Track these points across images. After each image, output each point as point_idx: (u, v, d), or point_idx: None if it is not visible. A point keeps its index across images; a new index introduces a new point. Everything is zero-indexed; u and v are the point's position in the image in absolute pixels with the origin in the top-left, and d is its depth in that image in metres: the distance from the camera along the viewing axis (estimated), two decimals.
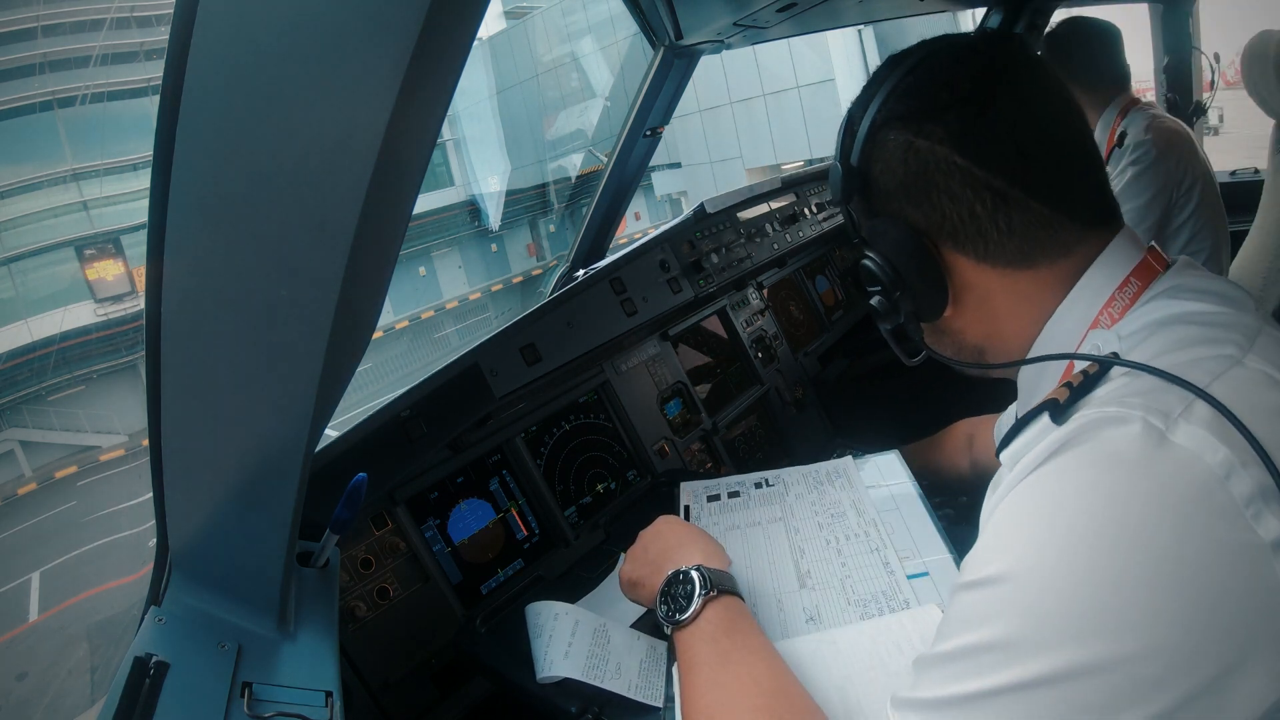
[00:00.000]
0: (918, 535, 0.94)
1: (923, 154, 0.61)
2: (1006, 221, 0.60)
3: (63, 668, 7.16)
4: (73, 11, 12.93)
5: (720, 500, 1.10)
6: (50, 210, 12.89)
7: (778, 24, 1.29)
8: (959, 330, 0.69)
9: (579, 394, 1.40)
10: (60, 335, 12.49)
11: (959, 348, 0.71)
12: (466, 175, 16.18)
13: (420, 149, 0.49)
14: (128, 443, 12.92)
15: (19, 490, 12.06)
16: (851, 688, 0.70)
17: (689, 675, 0.70)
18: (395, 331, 15.08)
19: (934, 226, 0.63)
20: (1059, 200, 0.60)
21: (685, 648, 0.72)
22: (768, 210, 1.86)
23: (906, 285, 0.65)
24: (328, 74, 0.41)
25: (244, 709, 0.61)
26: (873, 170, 0.65)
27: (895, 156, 0.63)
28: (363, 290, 0.52)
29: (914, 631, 0.75)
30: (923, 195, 0.62)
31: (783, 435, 1.74)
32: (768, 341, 1.82)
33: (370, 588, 1.06)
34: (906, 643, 0.74)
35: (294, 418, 0.55)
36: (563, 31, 15.16)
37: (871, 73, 0.69)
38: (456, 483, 1.21)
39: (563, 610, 0.94)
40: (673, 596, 0.77)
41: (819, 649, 0.75)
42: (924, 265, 0.64)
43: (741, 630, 0.72)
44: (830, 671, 0.72)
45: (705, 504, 1.09)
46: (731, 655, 0.69)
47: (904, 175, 0.63)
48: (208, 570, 0.71)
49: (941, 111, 0.61)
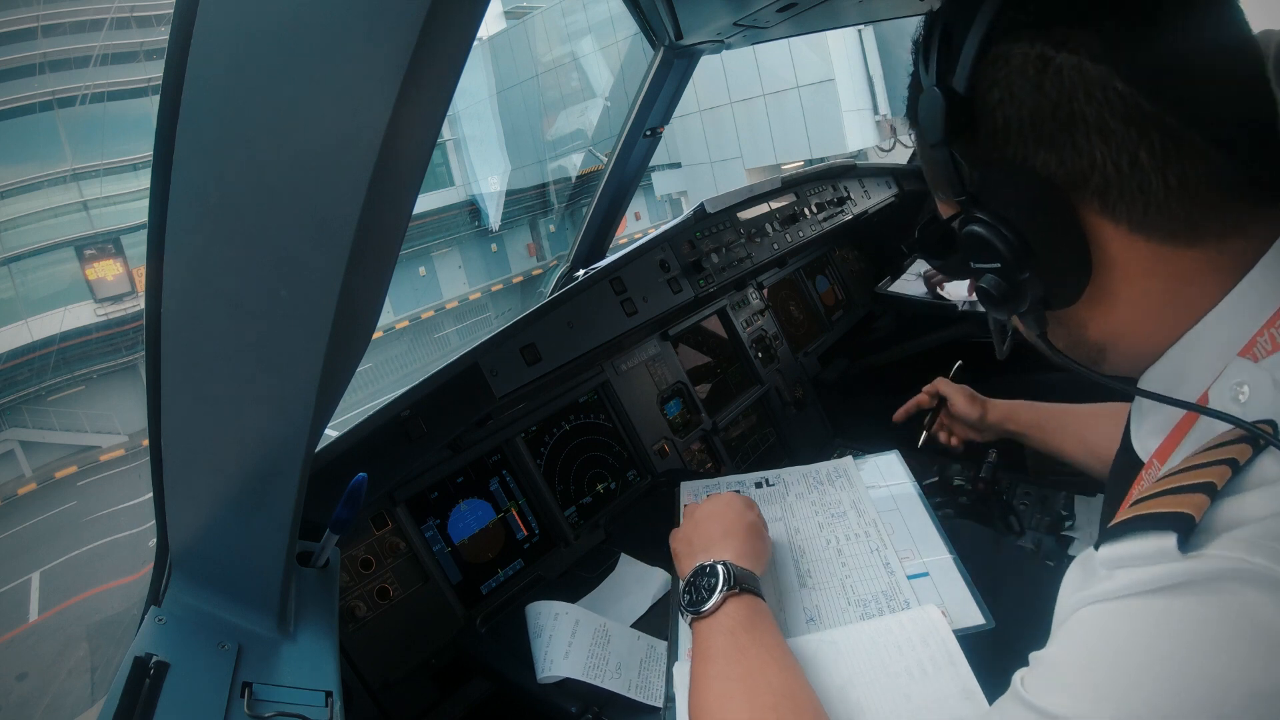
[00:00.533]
0: (918, 535, 0.94)
1: (1066, 75, 0.45)
2: (1179, 175, 0.44)
3: (63, 668, 7.15)
4: (73, 11, 12.93)
5: None
6: (50, 210, 12.90)
7: (778, 24, 1.29)
8: (1081, 322, 0.53)
9: (579, 394, 1.40)
10: (60, 335, 12.49)
11: (1074, 343, 0.55)
12: (466, 175, 16.18)
13: (420, 149, 0.49)
14: (128, 443, 12.93)
15: (19, 490, 12.06)
16: (853, 689, 0.70)
17: (701, 665, 0.70)
18: (395, 331, 15.08)
19: (1076, 179, 0.47)
20: (1241, 155, 0.45)
21: (701, 639, 0.72)
22: (768, 210, 1.86)
23: (1037, 260, 0.49)
24: (328, 74, 0.41)
25: (244, 709, 0.61)
26: (989, 98, 0.48)
27: (1024, 79, 0.46)
28: (363, 290, 0.52)
29: (914, 633, 0.75)
30: (1062, 135, 0.46)
31: (783, 435, 1.74)
32: (768, 341, 1.82)
33: (370, 588, 1.06)
34: (907, 644, 0.74)
35: (294, 418, 0.55)
36: (563, 31, 15.16)
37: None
38: (456, 483, 1.20)
39: (563, 610, 0.94)
40: (696, 587, 0.77)
41: (819, 649, 0.75)
42: (1063, 233, 0.48)
43: (759, 629, 0.71)
44: (831, 673, 0.72)
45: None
46: (747, 651, 0.68)
47: (1035, 106, 0.46)
48: (208, 570, 0.70)
49: (1095, 14, 0.45)
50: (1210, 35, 0.46)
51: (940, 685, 0.69)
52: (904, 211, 2.35)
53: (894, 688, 0.70)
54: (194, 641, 0.67)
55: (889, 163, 2.49)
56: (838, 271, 2.24)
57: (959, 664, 0.70)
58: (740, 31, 1.32)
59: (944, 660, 0.71)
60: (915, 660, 0.72)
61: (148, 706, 0.57)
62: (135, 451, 12.54)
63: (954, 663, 0.70)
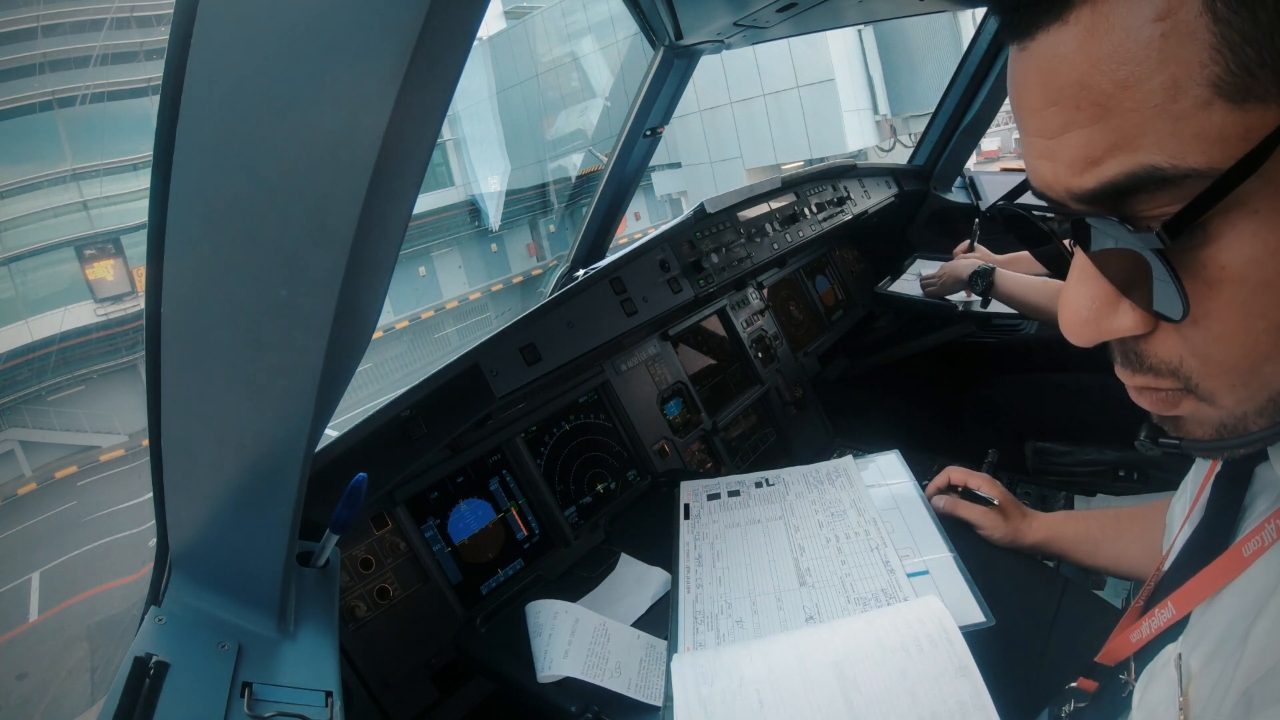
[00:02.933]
0: (918, 534, 0.94)
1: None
2: None
3: (63, 668, 7.15)
4: (73, 11, 12.93)
5: (720, 499, 1.10)
6: (50, 210, 12.89)
7: (778, 24, 1.29)
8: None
9: (579, 394, 1.40)
10: (60, 335, 12.50)
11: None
12: (466, 175, 16.17)
13: (420, 149, 0.49)
14: (128, 443, 12.92)
15: (19, 490, 12.06)
16: (849, 665, 0.70)
17: None
18: (395, 331, 15.08)
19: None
20: None
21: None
22: (768, 210, 1.86)
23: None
24: (328, 74, 0.41)
25: (244, 709, 0.61)
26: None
27: None
28: (363, 290, 0.52)
29: (911, 614, 0.75)
30: None
31: (783, 435, 1.74)
32: (768, 341, 1.82)
33: (370, 588, 1.06)
34: (903, 623, 0.74)
35: (294, 418, 0.55)
36: (563, 31, 15.16)
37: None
38: (456, 483, 1.21)
39: (563, 609, 0.94)
40: None
41: (815, 631, 0.76)
42: None
43: None
44: (826, 650, 0.72)
45: (705, 503, 1.10)
46: None
47: None
48: (208, 570, 0.70)
49: None
50: None
51: (936, 661, 0.69)
52: (904, 211, 2.35)
53: (890, 663, 0.69)
54: (194, 641, 0.67)
55: (889, 163, 2.49)
56: (838, 271, 2.24)
57: (955, 642, 0.70)
58: (740, 31, 1.32)
59: (940, 638, 0.71)
60: (912, 637, 0.72)
61: (148, 706, 0.57)
62: (135, 451, 12.55)
63: (950, 640, 0.70)
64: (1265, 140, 0.30)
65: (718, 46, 1.44)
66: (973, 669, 0.67)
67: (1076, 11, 0.33)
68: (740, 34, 1.34)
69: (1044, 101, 0.35)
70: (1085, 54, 0.33)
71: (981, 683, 0.65)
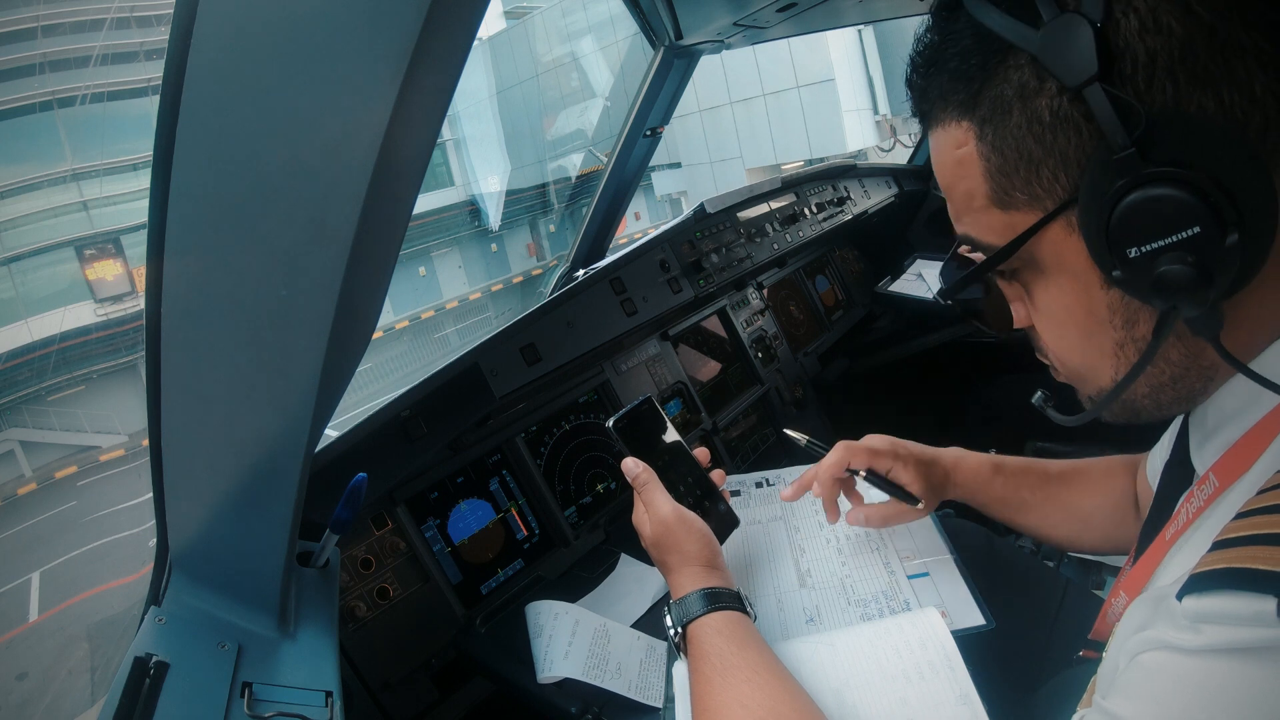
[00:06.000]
0: (918, 536, 0.94)
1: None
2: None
3: (63, 668, 7.15)
4: (73, 11, 12.92)
5: None
6: (50, 210, 12.89)
7: (778, 24, 1.29)
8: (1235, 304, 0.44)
9: (579, 394, 1.40)
10: (60, 335, 12.49)
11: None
12: (466, 175, 16.17)
13: (420, 149, 0.49)
14: (128, 443, 12.92)
15: (19, 490, 12.05)
16: (849, 692, 0.70)
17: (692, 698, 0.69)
18: (395, 331, 15.07)
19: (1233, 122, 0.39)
20: None
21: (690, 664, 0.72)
22: (768, 210, 1.86)
23: (1243, 222, 0.39)
24: (328, 74, 0.42)
25: (244, 709, 0.61)
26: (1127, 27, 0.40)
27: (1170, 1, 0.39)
28: (363, 290, 0.52)
29: (913, 636, 0.75)
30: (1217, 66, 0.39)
31: (783, 435, 1.74)
32: (768, 341, 1.82)
33: (370, 588, 1.06)
34: (905, 647, 0.74)
35: (294, 418, 0.55)
36: (563, 31, 15.16)
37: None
38: (456, 483, 1.20)
39: (563, 610, 0.94)
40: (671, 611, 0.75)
41: (816, 651, 0.75)
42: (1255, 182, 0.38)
43: (730, 651, 0.69)
44: (828, 675, 0.72)
45: None
46: (728, 674, 0.67)
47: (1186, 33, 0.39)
48: (208, 570, 0.70)
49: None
50: None
51: (937, 689, 0.69)
52: (904, 211, 2.35)
53: (891, 691, 0.70)
54: (194, 641, 0.67)
55: (889, 163, 2.49)
56: (838, 271, 2.24)
57: (957, 668, 0.70)
58: (740, 31, 1.32)
59: (942, 664, 0.71)
60: (913, 664, 0.72)
61: (148, 706, 0.57)
62: (135, 451, 12.54)
63: (952, 667, 0.70)
64: (1020, 236, 0.47)
65: (718, 46, 1.44)
66: (973, 696, 0.67)
67: (930, 129, 0.52)
68: (740, 34, 1.34)
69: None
70: (934, 156, 0.53)
71: (982, 710, 0.65)
